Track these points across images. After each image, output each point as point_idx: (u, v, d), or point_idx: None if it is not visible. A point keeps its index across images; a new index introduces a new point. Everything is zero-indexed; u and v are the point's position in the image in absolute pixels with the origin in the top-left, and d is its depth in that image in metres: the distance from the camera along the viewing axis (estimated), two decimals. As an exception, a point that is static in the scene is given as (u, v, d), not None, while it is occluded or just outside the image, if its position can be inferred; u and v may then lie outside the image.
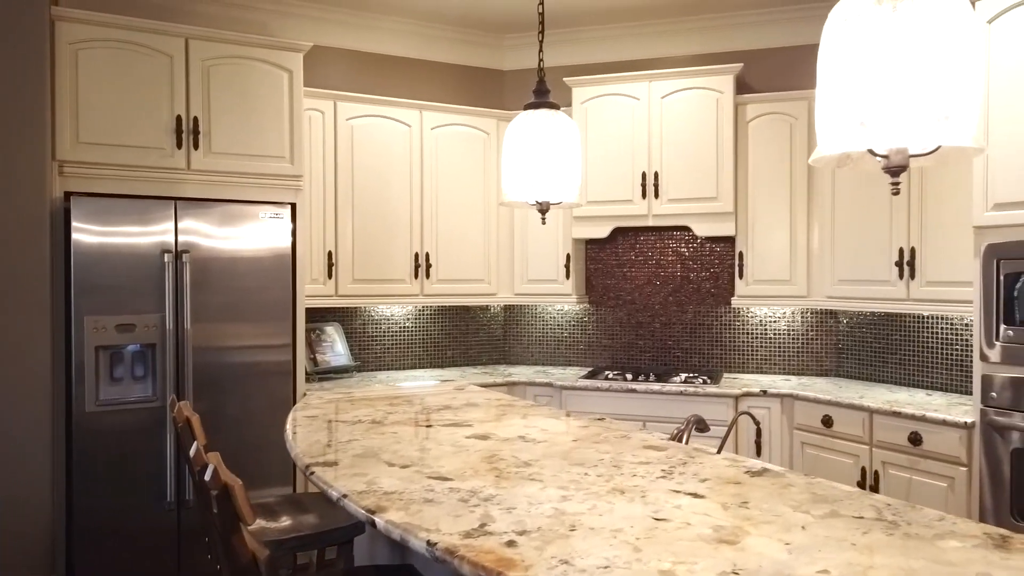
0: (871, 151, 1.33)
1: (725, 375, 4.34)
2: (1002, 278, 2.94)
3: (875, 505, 1.36)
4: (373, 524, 1.28)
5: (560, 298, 4.46)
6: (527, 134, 2.33)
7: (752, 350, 4.41)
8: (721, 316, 4.47)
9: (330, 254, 4.05)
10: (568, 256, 4.45)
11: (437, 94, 4.68)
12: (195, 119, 3.48)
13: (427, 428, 1.99)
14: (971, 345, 3.61)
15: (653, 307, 4.61)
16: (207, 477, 1.42)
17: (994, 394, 2.97)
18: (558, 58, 4.72)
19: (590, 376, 4.25)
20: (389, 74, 4.55)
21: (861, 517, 1.29)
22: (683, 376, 4.17)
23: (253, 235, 3.57)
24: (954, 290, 3.37)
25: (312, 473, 1.57)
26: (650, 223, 4.21)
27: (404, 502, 1.35)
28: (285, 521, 2.23)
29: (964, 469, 3.08)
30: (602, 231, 4.31)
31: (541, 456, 1.69)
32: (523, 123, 2.35)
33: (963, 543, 1.20)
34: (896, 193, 1.35)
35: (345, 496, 1.39)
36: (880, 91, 1.26)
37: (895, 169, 1.34)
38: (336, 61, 4.40)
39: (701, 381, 4.02)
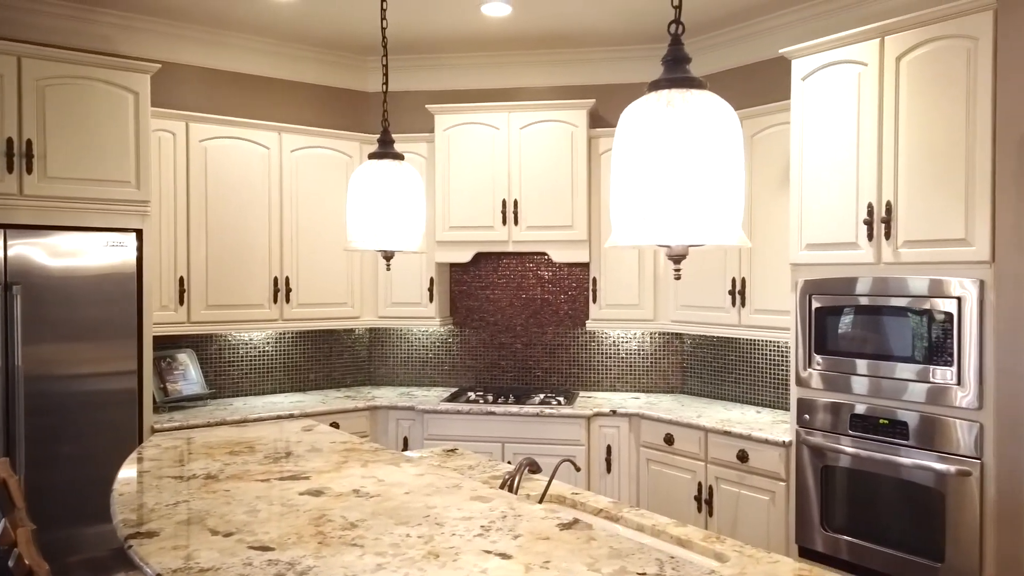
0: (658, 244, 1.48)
1: (581, 394, 4.55)
2: (813, 312, 3.27)
3: (660, 558, 1.51)
4: (184, 607, 1.30)
5: (424, 321, 4.53)
6: (371, 185, 2.38)
7: (606, 369, 4.64)
8: (578, 337, 4.68)
9: (182, 280, 3.93)
10: (432, 280, 4.51)
11: (299, 115, 4.63)
12: (28, 142, 3.29)
13: (262, 483, 2.00)
14: (794, 366, 3.97)
15: (515, 328, 4.76)
16: (11, 563, 1.39)
17: (807, 416, 3.29)
18: (421, 83, 4.77)
19: (453, 398, 4.34)
20: (247, 94, 4.45)
21: (644, 573, 1.43)
22: (541, 396, 4.33)
23: (94, 263, 3.43)
24: (777, 318, 3.70)
25: (130, 547, 1.56)
26: (511, 248, 4.35)
27: (219, 580, 1.38)
28: (117, 578, 2.18)
29: (783, 484, 3.40)
30: (464, 256, 4.41)
31: (370, 515, 1.75)
32: (367, 173, 2.40)
33: (724, 597, 1.36)
34: (678, 278, 1.52)
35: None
36: (658, 188, 1.40)
37: (676, 257, 1.49)
38: (189, 79, 4.26)
39: (557, 402, 4.20)
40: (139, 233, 3.58)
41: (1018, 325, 2.63)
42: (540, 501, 2.07)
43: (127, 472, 2.16)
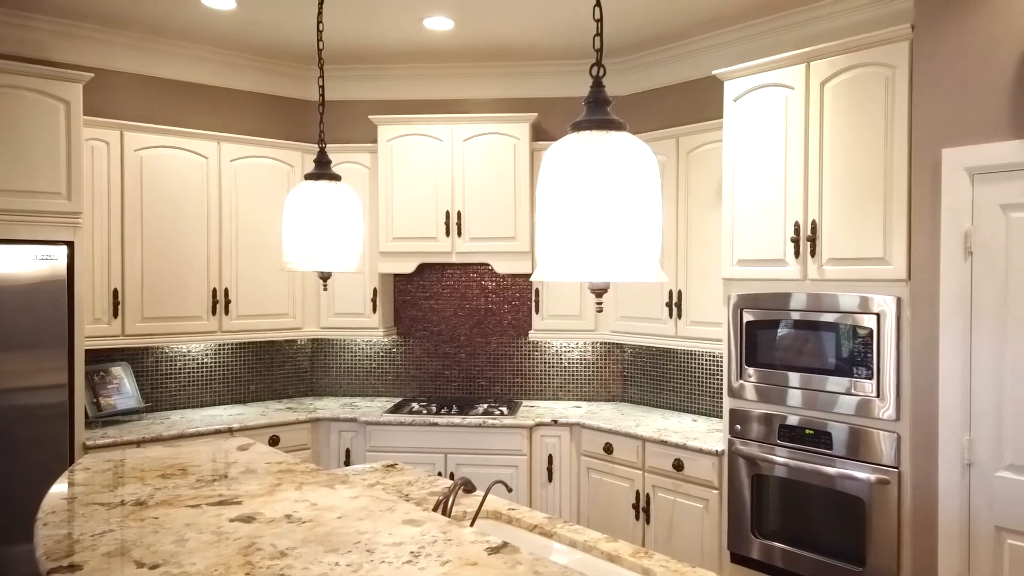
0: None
1: (524, 403, 4.60)
2: (744, 325, 3.37)
3: (583, 582, 1.57)
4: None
5: (367, 331, 4.52)
6: (307, 206, 2.38)
7: (549, 378, 4.71)
8: (521, 347, 4.73)
9: (116, 292, 3.85)
10: (375, 290, 4.51)
11: (239, 124, 4.56)
12: (-49, 152, 3.19)
13: (193, 509, 1.99)
14: (729, 376, 4.09)
15: (459, 338, 4.78)
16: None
17: (739, 426, 3.40)
18: (364, 92, 4.76)
19: (396, 408, 4.34)
20: (185, 102, 4.37)
21: (566, 599, 1.48)
22: (484, 406, 4.37)
23: (23, 275, 3.34)
24: (712, 329, 3.80)
25: (52, 582, 1.54)
26: (454, 260, 4.37)
27: (142, 616, 1.37)
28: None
29: (716, 492, 3.50)
30: (408, 266, 4.41)
31: (300, 542, 1.76)
32: (304, 194, 2.40)
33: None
34: (600, 311, 1.57)
35: (80, 613, 1.39)
36: (578, 226, 1.45)
37: (598, 291, 1.55)
38: (124, 87, 4.17)
39: (500, 412, 4.24)
40: (71, 246, 3.49)
41: (931, 341, 2.77)
42: (472, 522, 2.10)
43: (54, 498, 2.12)
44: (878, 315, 2.92)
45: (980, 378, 2.63)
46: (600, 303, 1.56)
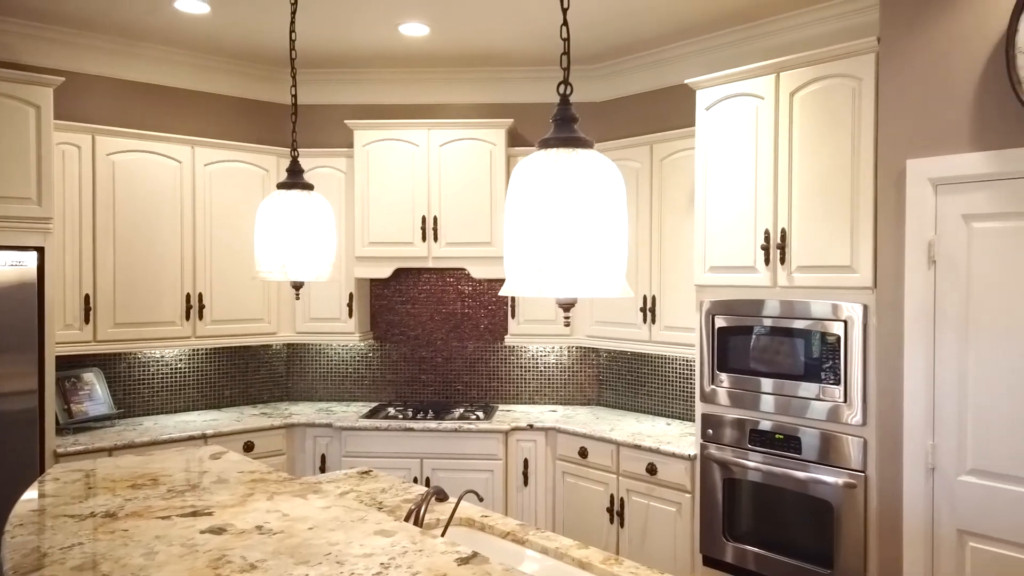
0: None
1: (500, 407, 4.62)
2: (716, 331, 3.42)
3: (550, 592, 1.59)
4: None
5: (343, 336, 4.51)
6: (280, 215, 2.38)
7: (525, 382, 4.73)
8: (498, 351, 4.75)
9: (87, 298, 3.81)
10: (351, 295, 4.50)
11: (213, 128, 4.54)
12: (-83, 157, 3.15)
13: (163, 521, 1.99)
14: (702, 380, 4.13)
15: (435, 343, 4.79)
16: None
17: (711, 430, 3.45)
18: (340, 96, 4.75)
19: (372, 413, 4.34)
20: (158, 106, 4.34)
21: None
22: (460, 411, 4.38)
23: (-9, 285, 3.30)
24: (686, 335, 3.85)
25: (19, 598, 1.54)
26: (430, 264, 4.38)
27: (109, 632, 1.37)
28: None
29: (689, 496, 3.54)
30: (384, 271, 4.42)
31: (271, 554, 1.77)
32: (276, 203, 2.40)
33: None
34: (567, 324, 1.60)
35: (47, 630, 1.38)
36: (545, 243, 1.47)
37: (565, 305, 1.57)
38: (97, 91, 4.13)
39: (476, 416, 4.26)
40: (41, 251, 3.46)
41: (896, 348, 2.83)
42: (444, 531, 2.12)
43: (23, 509, 2.10)
44: (845, 322, 2.98)
45: (943, 384, 2.69)
46: (568, 316, 1.59)
